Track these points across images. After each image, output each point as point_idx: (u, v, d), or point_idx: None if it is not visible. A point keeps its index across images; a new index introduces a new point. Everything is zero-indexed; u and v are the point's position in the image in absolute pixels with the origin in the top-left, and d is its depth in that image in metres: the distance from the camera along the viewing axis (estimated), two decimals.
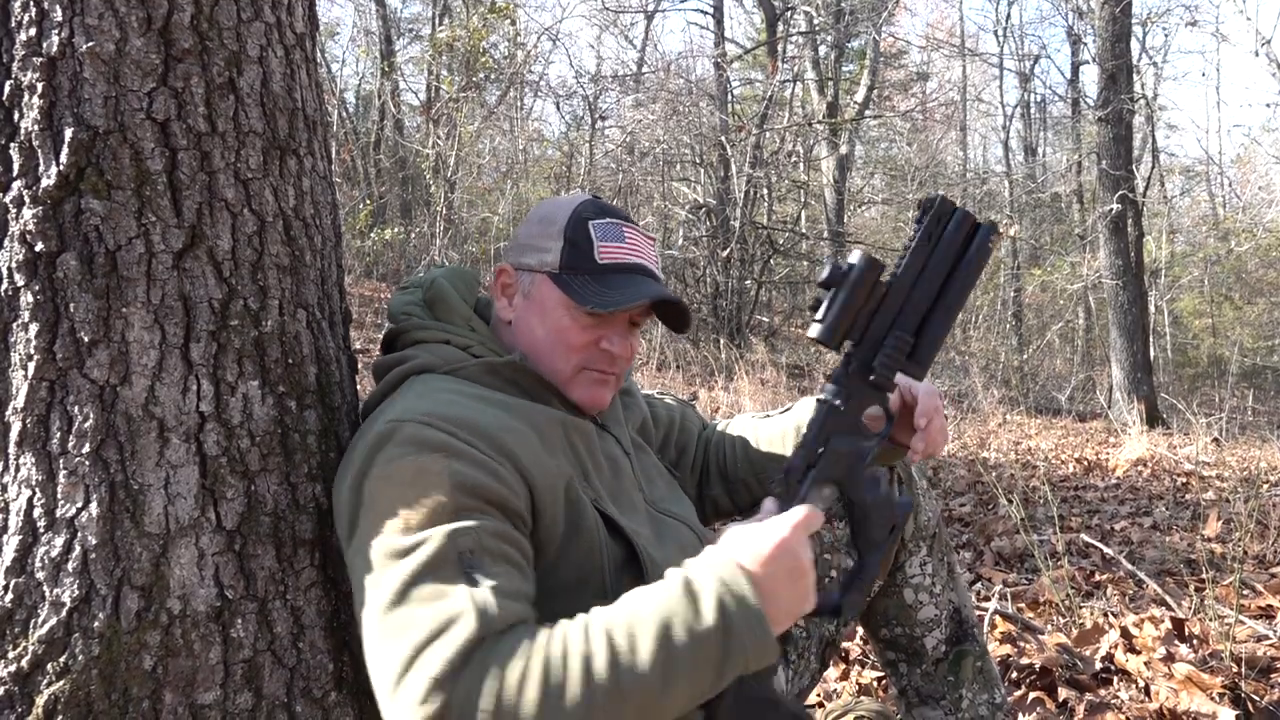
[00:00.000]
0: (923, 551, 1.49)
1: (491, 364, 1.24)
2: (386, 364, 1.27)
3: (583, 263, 1.26)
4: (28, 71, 1.08)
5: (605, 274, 1.27)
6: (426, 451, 1.06)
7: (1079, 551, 3.41)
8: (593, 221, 1.29)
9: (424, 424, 1.09)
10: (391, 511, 1.03)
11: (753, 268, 11.80)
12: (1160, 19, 13.85)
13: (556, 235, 1.28)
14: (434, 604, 0.96)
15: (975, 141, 23.20)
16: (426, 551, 0.99)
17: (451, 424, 1.10)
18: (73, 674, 1.04)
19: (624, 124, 12.51)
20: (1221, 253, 15.52)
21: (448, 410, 1.12)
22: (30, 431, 1.07)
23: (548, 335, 1.27)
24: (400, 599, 0.98)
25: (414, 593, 0.98)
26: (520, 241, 1.33)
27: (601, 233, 1.28)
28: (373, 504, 1.05)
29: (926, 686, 1.50)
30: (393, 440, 1.08)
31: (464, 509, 1.03)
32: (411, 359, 1.25)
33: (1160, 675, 1.97)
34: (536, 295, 1.28)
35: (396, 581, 0.98)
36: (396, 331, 1.32)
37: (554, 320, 1.27)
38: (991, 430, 7.38)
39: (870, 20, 14.34)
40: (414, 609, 0.97)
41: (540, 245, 1.29)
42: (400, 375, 1.23)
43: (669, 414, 1.59)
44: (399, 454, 1.07)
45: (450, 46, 10.59)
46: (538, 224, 1.31)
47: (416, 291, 1.35)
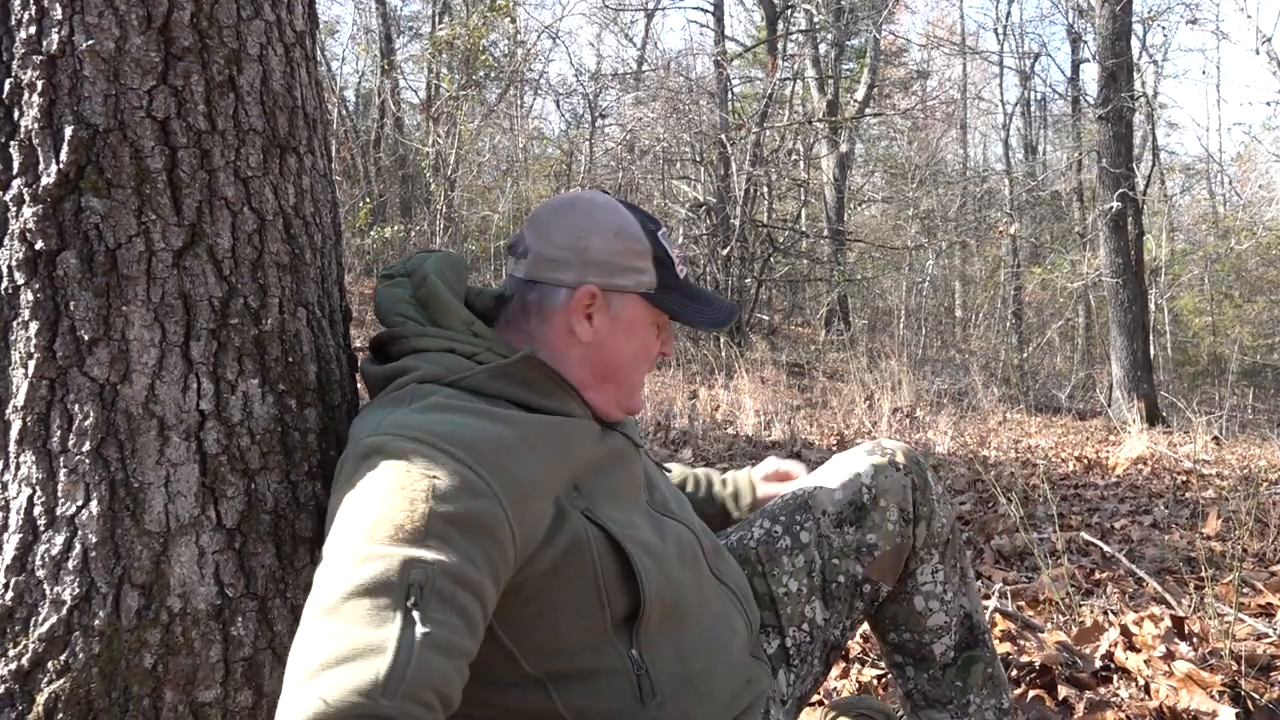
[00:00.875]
0: (935, 559, 1.46)
1: (500, 367, 1.17)
2: (384, 375, 1.19)
3: (670, 279, 1.26)
4: (28, 70, 1.08)
5: (685, 288, 1.28)
6: (415, 465, 1.00)
7: (1079, 550, 3.42)
8: (659, 234, 1.27)
9: (416, 439, 1.03)
10: (363, 516, 0.97)
11: (753, 266, 11.80)
12: (1161, 17, 13.85)
13: (646, 253, 1.24)
14: (361, 627, 0.88)
15: (975, 140, 23.22)
16: (377, 568, 0.91)
17: (447, 441, 1.03)
18: (73, 672, 1.04)
19: (624, 122, 12.51)
20: (1222, 251, 15.53)
21: (444, 428, 1.05)
22: (30, 430, 1.07)
23: (634, 353, 1.26)
24: (336, 605, 0.90)
25: (349, 605, 0.90)
26: (601, 259, 1.22)
27: (669, 245, 1.28)
28: (350, 505, 0.99)
29: (933, 690, 1.48)
30: (381, 451, 1.02)
31: (433, 535, 0.95)
32: (412, 369, 1.17)
33: (1160, 673, 1.98)
34: (626, 315, 1.24)
35: (340, 587, 0.91)
36: (391, 336, 1.23)
37: (643, 337, 1.26)
38: (991, 428, 7.38)
39: (870, 18, 14.34)
40: (341, 622, 0.89)
41: (633, 265, 1.23)
42: (402, 384, 1.16)
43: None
44: (387, 463, 1.01)
45: (450, 44, 10.59)
46: (616, 239, 1.23)
47: (404, 284, 1.27)
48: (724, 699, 1.23)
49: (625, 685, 1.14)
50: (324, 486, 1.20)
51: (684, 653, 1.20)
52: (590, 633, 1.13)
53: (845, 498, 1.43)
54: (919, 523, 1.44)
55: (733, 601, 1.32)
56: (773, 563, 1.41)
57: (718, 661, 1.23)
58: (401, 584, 0.90)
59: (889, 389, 7.84)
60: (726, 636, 1.27)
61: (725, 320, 1.29)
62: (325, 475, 1.20)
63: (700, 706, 1.20)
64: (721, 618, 1.28)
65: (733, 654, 1.27)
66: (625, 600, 1.14)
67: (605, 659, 1.14)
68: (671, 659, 1.18)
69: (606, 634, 1.14)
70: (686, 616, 1.22)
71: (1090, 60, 14.43)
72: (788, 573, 1.40)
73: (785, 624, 1.39)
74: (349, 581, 0.90)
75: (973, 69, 20.93)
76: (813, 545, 1.41)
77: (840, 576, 1.41)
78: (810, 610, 1.40)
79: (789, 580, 1.40)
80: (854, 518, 1.42)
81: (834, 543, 1.41)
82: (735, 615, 1.31)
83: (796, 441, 5.86)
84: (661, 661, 1.17)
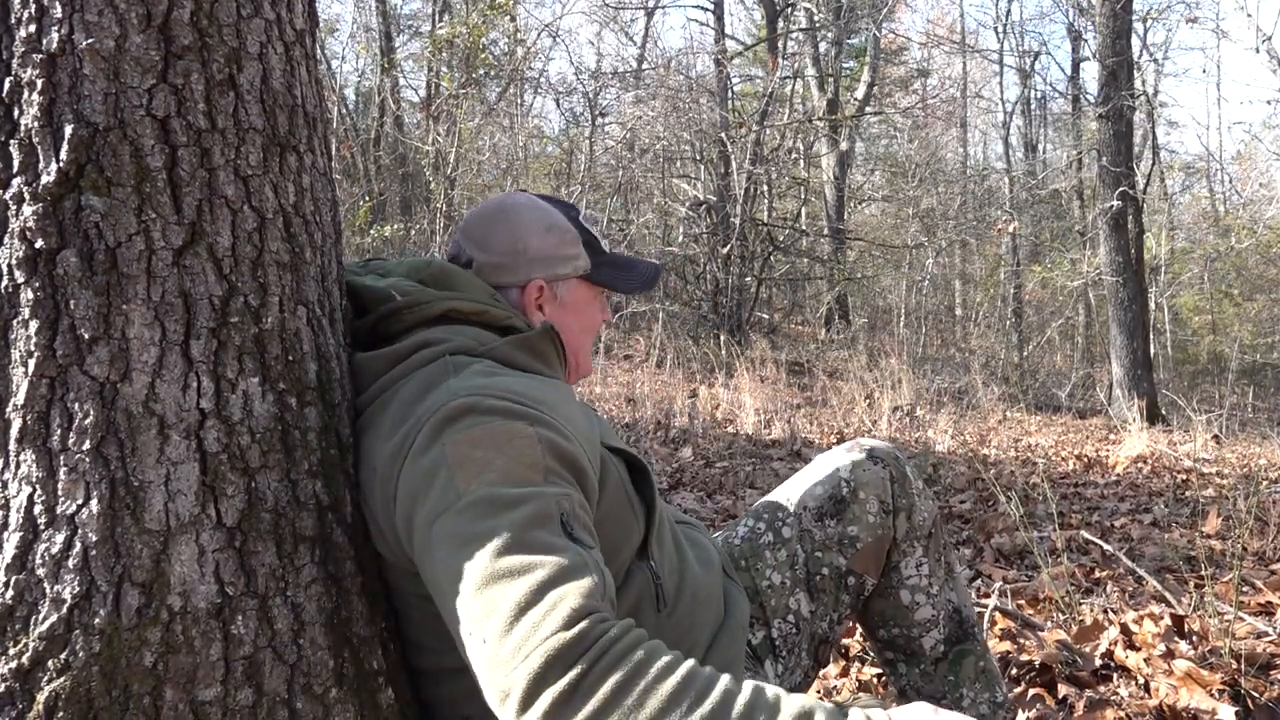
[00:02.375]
0: (918, 552, 1.48)
1: (523, 338, 1.25)
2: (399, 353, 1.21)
3: (600, 256, 1.40)
4: (27, 68, 1.08)
5: (614, 260, 1.42)
6: (513, 419, 1.05)
7: (1079, 548, 3.42)
8: (580, 218, 1.41)
9: (502, 398, 1.08)
10: (490, 467, 1.00)
11: (753, 264, 11.79)
12: (1161, 15, 13.84)
13: (575, 240, 1.37)
14: (554, 554, 0.92)
15: (975, 138, 23.22)
16: (535, 505, 0.97)
17: (524, 398, 1.10)
18: (73, 671, 1.04)
19: (624, 121, 12.50)
20: (1222, 249, 15.51)
21: (517, 386, 1.13)
22: (30, 428, 1.07)
23: (582, 329, 1.39)
24: (514, 546, 0.92)
25: (529, 540, 0.93)
26: (540, 255, 1.34)
27: (590, 225, 1.42)
28: (462, 464, 1.01)
29: (926, 685, 1.50)
30: (473, 411, 1.05)
31: (553, 472, 1.03)
32: (438, 341, 1.20)
33: (1160, 672, 1.98)
34: (571, 298, 1.37)
35: (507, 530, 0.94)
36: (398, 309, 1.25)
37: (589, 314, 1.40)
38: (991, 427, 7.38)
39: (870, 17, 14.34)
40: (534, 556, 0.92)
41: (567, 253, 1.36)
42: (433, 355, 1.18)
43: None
44: (482, 421, 1.04)
45: (450, 43, 10.58)
46: (549, 234, 1.35)
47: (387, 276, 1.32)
48: (716, 607, 1.34)
49: (647, 595, 1.24)
50: (324, 485, 1.20)
51: (679, 564, 1.31)
52: (630, 543, 1.23)
53: (825, 492, 1.48)
54: (899, 514, 1.48)
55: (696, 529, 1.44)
56: (756, 557, 1.46)
57: (706, 571, 1.35)
58: (557, 514, 0.98)
59: (889, 387, 7.84)
60: (701, 552, 1.39)
61: (652, 281, 1.44)
62: (326, 474, 1.20)
63: (699, 611, 1.30)
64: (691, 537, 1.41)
65: (713, 566, 1.38)
66: (643, 510, 1.24)
67: (635, 571, 1.24)
68: (672, 569, 1.29)
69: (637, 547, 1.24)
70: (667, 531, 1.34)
71: (1090, 58, 14.42)
72: (771, 566, 1.45)
73: (770, 616, 1.43)
74: (513, 522, 0.95)
75: (973, 67, 20.93)
76: (795, 539, 1.46)
77: (824, 569, 1.44)
78: (795, 602, 1.44)
79: (772, 573, 1.44)
80: (834, 511, 1.46)
81: (816, 536, 1.45)
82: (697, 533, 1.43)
83: (796, 440, 5.86)
84: (666, 571, 1.27)
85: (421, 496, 1.03)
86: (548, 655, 0.84)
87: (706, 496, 4.26)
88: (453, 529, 0.97)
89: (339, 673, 1.17)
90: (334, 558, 1.19)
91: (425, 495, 1.02)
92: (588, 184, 11.25)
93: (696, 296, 11.53)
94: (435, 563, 0.98)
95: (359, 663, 1.18)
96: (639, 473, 1.26)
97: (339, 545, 1.19)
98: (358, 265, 1.39)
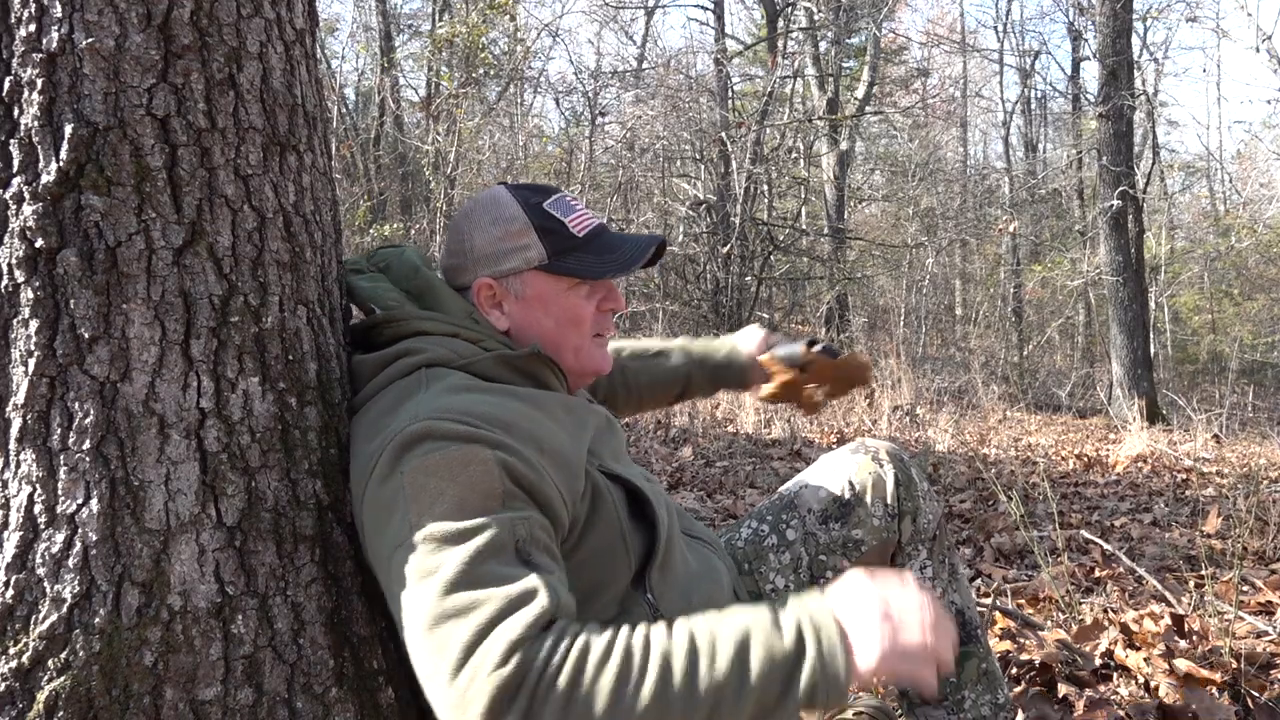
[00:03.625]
0: (923, 554, 1.47)
1: (506, 356, 1.22)
2: (384, 358, 1.22)
3: (566, 242, 1.27)
4: (27, 68, 1.08)
5: (591, 243, 1.29)
6: (470, 443, 1.05)
7: (1079, 548, 3.42)
8: (545, 204, 1.29)
9: (460, 421, 1.07)
10: (441, 498, 1.01)
11: (753, 264, 11.78)
12: (1161, 15, 13.82)
13: (525, 230, 1.27)
14: (502, 585, 0.95)
15: (975, 137, 23.22)
16: (486, 536, 0.98)
17: (487, 421, 1.08)
18: (73, 670, 1.04)
19: (624, 120, 12.50)
20: (1222, 249, 15.50)
21: (481, 408, 1.10)
22: (30, 428, 1.07)
23: (558, 323, 1.28)
24: (461, 582, 0.95)
25: (478, 575, 0.95)
26: (484, 252, 1.28)
27: (561, 210, 1.29)
28: (417, 494, 1.02)
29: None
30: (430, 436, 1.05)
31: (512, 498, 1.03)
32: (418, 351, 1.20)
33: (1160, 671, 1.98)
34: (532, 293, 1.28)
35: (456, 565, 0.96)
36: (383, 320, 1.26)
37: (560, 307, 1.28)
38: (991, 426, 7.38)
39: (870, 16, 14.32)
40: (479, 591, 0.94)
41: (513, 246, 1.27)
42: (409, 367, 1.19)
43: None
44: (439, 447, 1.04)
45: (450, 42, 10.58)
46: (493, 227, 1.28)
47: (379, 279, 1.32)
48: None
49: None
50: (324, 484, 1.20)
51: (686, 591, 1.26)
52: (617, 580, 1.19)
53: (830, 495, 1.46)
54: (904, 518, 1.46)
55: (707, 549, 1.38)
56: (760, 561, 1.44)
57: (715, 594, 1.30)
58: (511, 541, 0.99)
59: (889, 387, 7.84)
60: (713, 573, 1.34)
61: (637, 258, 1.28)
62: (326, 473, 1.20)
63: None
64: (703, 559, 1.35)
65: (723, 589, 1.33)
66: (641, 546, 1.21)
67: (627, 605, 1.20)
68: (677, 598, 1.24)
69: (629, 582, 1.20)
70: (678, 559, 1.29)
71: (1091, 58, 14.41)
72: (775, 570, 1.43)
73: None
74: (463, 556, 0.96)
75: (973, 67, 20.93)
76: (799, 542, 1.44)
77: (828, 572, 1.43)
78: None
79: (776, 577, 1.43)
80: (839, 514, 1.44)
81: (820, 539, 1.43)
82: (714, 559, 1.37)
83: (796, 440, 5.86)
84: (669, 601, 1.23)
85: (384, 527, 1.05)
86: (491, 696, 0.88)
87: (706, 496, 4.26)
88: (407, 563, 1.00)
89: (339, 672, 1.17)
90: (334, 557, 1.19)
91: (386, 526, 1.04)
92: (588, 184, 11.25)
93: (696, 296, 11.52)
94: (392, 596, 1.02)
95: (359, 662, 1.18)
96: (640, 503, 1.22)
97: (339, 545, 1.19)
98: (362, 259, 1.38)
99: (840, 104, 15.29)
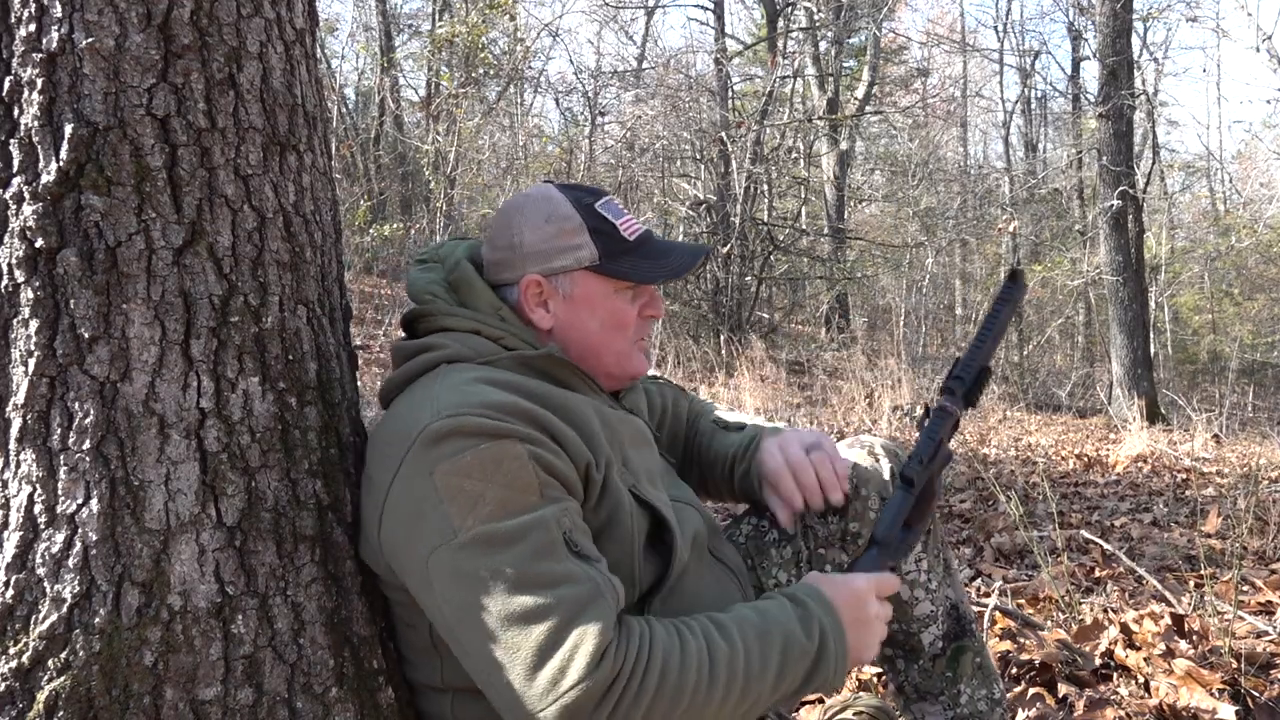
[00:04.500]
0: (917, 548, 1.49)
1: (525, 356, 1.22)
2: (411, 349, 1.25)
3: (617, 245, 1.27)
4: (27, 67, 1.08)
5: (641, 247, 1.29)
6: (499, 439, 1.07)
7: (1079, 547, 3.42)
8: (597, 205, 1.29)
9: (483, 416, 1.08)
10: (482, 500, 1.03)
11: (753, 264, 11.79)
12: (1161, 15, 13.82)
13: (579, 230, 1.26)
14: (564, 586, 1.01)
15: (975, 137, 23.22)
16: (537, 536, 1.02)
17: (508, 413, 1.09)
18: (74, 670, 1.04)
19: (624, 120, 12.50)
20: (1222, 248, 15.51)
21: (500, 399, 1.11)
22: (31, 428, 1.07)
23: (603, 326, 1.29)
24: (522, 585, 1.00)
25: (537, 575, 1.01)
26: (534, 249, 1.27)
27: (613, 212, 1.29)
28: (454, 497, 1.04)
29: (924, 683, 1.50)
30: (457, 433, 1.06)
31: (549, 488, 1.07)
32: (440, 347, 1.22)
33: (1160, 671, 1.98)
34: (580, 293, 1.27)
35: (513, 568, 1.00)
36: (420, 314, 1.29)
37: (607, 309, 1.29)
38: (991, 426, 7.38)
39: (870, 16, 14.33)
40: (543, 595, 1.00)
41: (566, 245, 1.26)
42: (430, 362, 1.21)
43: (663, 400, 1.60)
44: (468, 445, 1.06)
45: (450, 42, 10.59)
46: (546, 224, 1.27)
47: (437, 269, 1.32)
48: None
49: None
50: (324, 484, 1.20)
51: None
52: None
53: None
54: None
55: (730, 578, 1.37)
56: (761, 555, 1.45)
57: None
58: (560, 536, 1.04)
59: (889, 387, 7.84)
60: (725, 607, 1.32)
61: (687, 265, 1.30)
62: (326, 473, 1.20)
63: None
64: (719, 589, 1.34)
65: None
66: (651, 575, 1.22)
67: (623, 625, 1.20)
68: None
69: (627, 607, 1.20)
70: (688, 588, 1.28)
71: (1091, 58, 14.42)
72: (776, 564, 1.44)
73: None
74: (518, 559, 1.01)
75: (973, 66, 20.94)
76: (799, 536, 1.45)
77: (827, 566, 1.44)
78: None
79: (778, 572, 1.44)
80: (837, 508, 1.44)
81: (819, 532, 1.45)
82: (732, 588, 1.36)
83: None
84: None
85: (416, 528, 1.06)
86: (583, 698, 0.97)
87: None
88: (454, 566, 1.03)
89: (339, 672, 1.17)
90: (334, 557, 1.19)
91: (418, 527, 1.06)
92: (587, 183, 11.25)
93: (696, 296, 11.52)
94: (438, 598, 1.05)
95: (359, 662, 1.18)
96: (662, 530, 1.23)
97: (339, 544, 1.19)
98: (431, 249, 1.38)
99: (840, 104, 15.30)
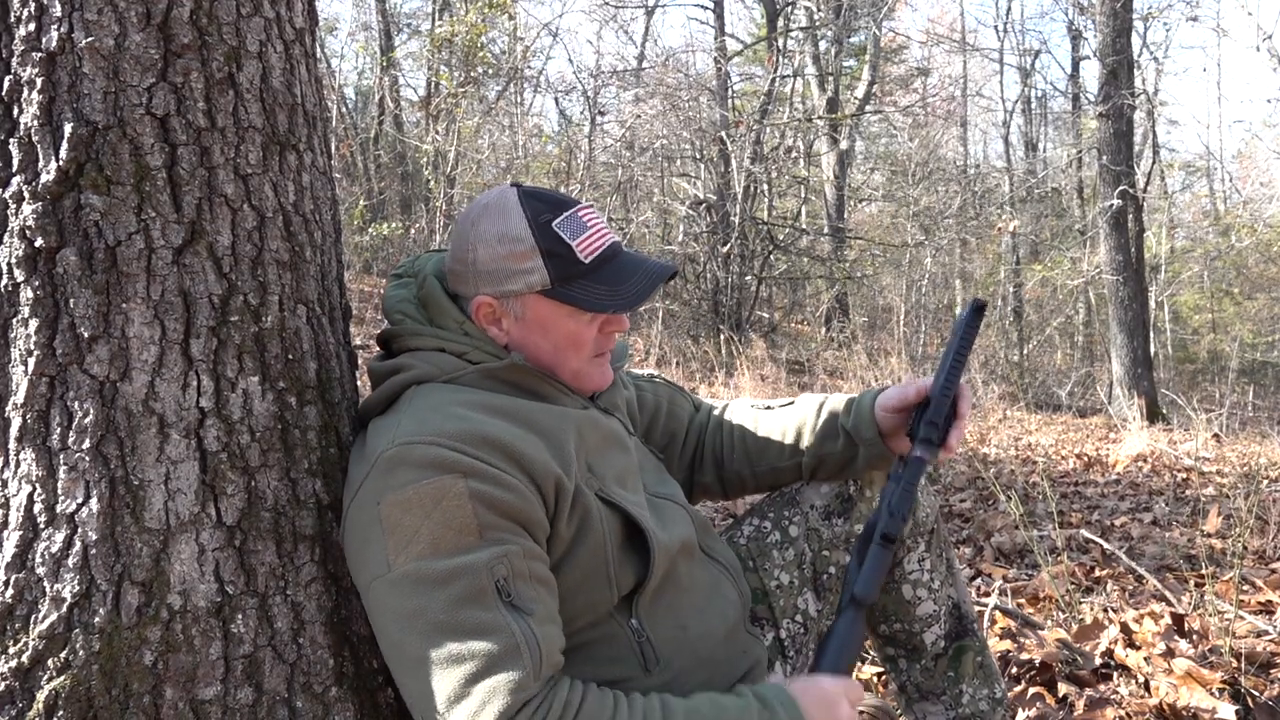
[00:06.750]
0: (921, 547, 1.49)
1: (489, 369, 1.21)
2: (383, 371, 1.24)
3: (571, 268, 1.21)
4: (27, 67, 1.08)
5: (597, 270, 1.22)
6: (443, 473, 1.06)
7: (1079, 547, 3.42)
8: (554, 223, 1.21)
9: (433, 444, 1.07)
10: (416, 538, 1.04)
11: (753, 263, 11.79)
12: (1161, 14, 13.81)
13: (530, 253, 1.20)
14: (482, 638, 1.00)
15: (975, 137, 23.18)
16: (464, 581, 1.02)
17: (461, 440, 1.08)
18: (73, 669, 1.04)
19: (623, 119, 12.50)
20: (1222, 248, 15.51)
21: (455, 426, 1.10)
22: (30, 427, 1.07)
23: (556, 347, 1.24)
24: (444, 630, 1.01)
25: (458, 623, 1.01)
26: (486, 269, 1.22)
27: (570, 231, 1.22)
28: (393, 530, 1.05)
29: (926, 682, 1.50)
30: (405, 463, 1.07)
31: (490, 529, 1.06)
32: (408, 368, 1.21)
33: (1160, 670, 1.98)
34: (532, 315, 1.23)
35: (437, 611, 1.01)
36: (391, 334, 1.28)
37: (560, 331, 1.24)
38: (991, 426, 7.38)
39: (870, 15, 14.33)
40: (461, 642, 1.00)
41: (516, 268, 1.20)
42: (399, 386, 1.20)
43: (656, 399, 1.56)
44: (414, 478, 1.06)
45: (449, 41, 10.58)
46: (498, 245, 1.21)
47: (410, 285, 1.30)
48: (724, 663, 1.29)
49: (627, 654, 1.21)
50: (324, 484, 1.20)
51: (682, 619, 1.26)
52: (595, 609, 1.19)
53: (832, 490, 1.46)
54: None
55: (723, 574, 1.36)
56: (763, 557, 1.44)
57: (715, 625, 1.29)
58: (490, 584, 1.03)
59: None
60: (720, 603, 1.33)
61: (645, 293, 1.22)
62: (326, 472, 1.20)
63: (702, 669, 1.25)
64: (712, 586, 1.33)
65: (729, 619, 1.32)
66: (631, 576, 1.21)
67: (604, 629, 1.21)
68: (671, 625, 1.24)
69: (609, 609, 1.21)
70: (680, 585, 1.28)
71: (1091, 57, 14.42)
72: (779, 566, 1.43)
73: (779, 616, 1.42)
74: (443, 602, 1.01)
75: (973, 66, 20.92)
76: (802, 538, 1.44)
77: (831, 568, 1.43)
78: (803, 602, 1.43)
79: (780, 574, 1.43)
80: (841, 509, 1.45)
81: (823, 535, 1.44)
82: (726, 584, 1.35)
83: None
84: (662, 629, 1.23)
85: (361, 554, 1.09)
86: None
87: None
88: (385, 601, 1.05)
89: (339, 672, 1.17)
90: (334, 556, 1.19)
91: (364, 553, 1.09)
92: (587, 183, 11.24)
93: (696, 295, 11.52)
94: (375, 627, 1.09)
95: (359, 662, 1.18)
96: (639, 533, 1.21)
97: (339, 544, 1.19)
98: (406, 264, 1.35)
99: (840, 103, 15.30)
